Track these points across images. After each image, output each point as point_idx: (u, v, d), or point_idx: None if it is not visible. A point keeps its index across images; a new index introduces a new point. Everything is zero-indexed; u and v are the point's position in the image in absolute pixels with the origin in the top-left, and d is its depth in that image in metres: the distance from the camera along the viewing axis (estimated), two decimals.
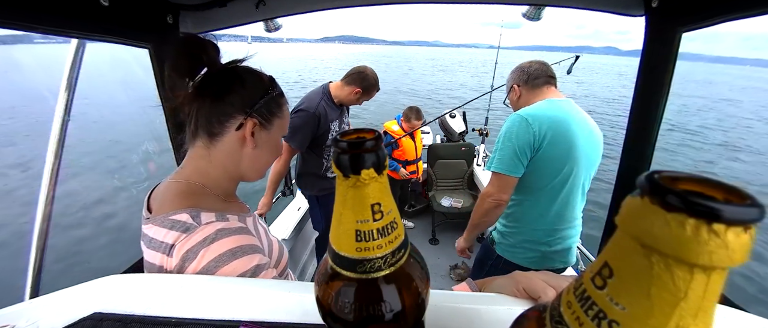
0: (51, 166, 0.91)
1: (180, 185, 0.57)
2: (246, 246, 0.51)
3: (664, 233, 0.13)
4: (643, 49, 0.95)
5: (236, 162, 0.60)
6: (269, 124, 0.60)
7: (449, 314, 0.40)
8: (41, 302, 0.42)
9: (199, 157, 0.59)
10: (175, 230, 0.50)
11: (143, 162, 6.05)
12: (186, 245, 0.49)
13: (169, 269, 0.50)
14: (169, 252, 0.50)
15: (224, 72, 0.57)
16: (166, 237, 0.50)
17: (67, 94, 0.92)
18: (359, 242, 0.22)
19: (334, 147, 0.21)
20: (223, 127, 0.57)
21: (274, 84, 0.61)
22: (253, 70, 0.59)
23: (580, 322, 0.16)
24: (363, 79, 1.76)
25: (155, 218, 0.53)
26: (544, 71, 1.27)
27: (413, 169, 3.05)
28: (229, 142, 0.58)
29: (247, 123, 0.57)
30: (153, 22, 0.96)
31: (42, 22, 0.65)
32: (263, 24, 1.31)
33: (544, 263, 1.29)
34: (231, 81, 0.57)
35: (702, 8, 0.80)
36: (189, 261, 0.48)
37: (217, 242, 0.49)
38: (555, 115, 1.15)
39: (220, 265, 0.48)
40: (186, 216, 0.51)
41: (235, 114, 0.57)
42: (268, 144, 0.62)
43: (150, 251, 0.52)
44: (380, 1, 1.25)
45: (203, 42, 0.54)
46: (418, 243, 2.78)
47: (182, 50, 0.54)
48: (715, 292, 0.13)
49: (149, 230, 0.53)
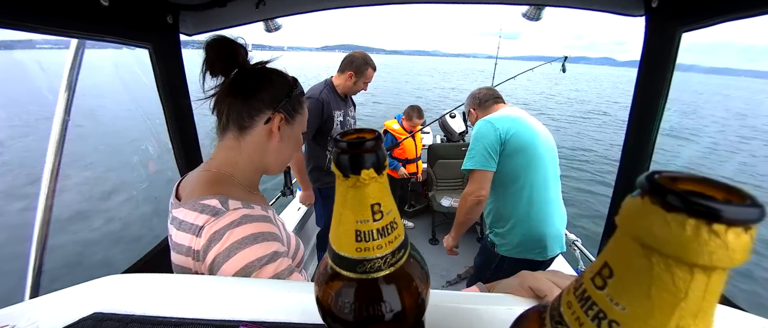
0: (51, 166, 0.91)
1: (210, 173, 0.62)
2: (267, 233, 0.55)
3: (664, 233, 0.13)
4: (643, 49, 0.95)
5: (262, 154, 0.66)
6: (293, 119, 0.67)
7: (449, 314, 0.40)
8: (41, 302, 0.41)
9: (229, 148, 0.64)
10: (206, 213, 0.54)
11: (143, 162, 6.05)
12: (214, 227, 0.53)
13: (197, 248, 0.53)
14: (198, 233, 0.54)
15: (254, 72, 0.63)
16: (196, 220, 0.54)
17: (67, 94, 0.92)
18: (359, 242, 0.22)
19: (334, 147, 0.21)
20: (253, 121, 0.63)
21: (297, 84, 0.67)
22: (279, 71, 0.65)
23: (580, 322, 0.16)
24: (351, 62, 1.87)
25: (187, 203, 0.57)
26: (491, 94, 1.55)
27: (413, 168, 3.05)
28: (258, 135, 0.63)
29: (275, 118, 0.63)
30: (153, 22, 0.96)
31: (42, 22, 0.66)
32: (263, 24, 1.31)
33: (546, 251, 1.39)
34: (261, 80, 0.63)
35: (702, 8, 0.80)
36: (215, 242, 0.52)
37: (243, 226, 0.53)
38: (512, 117, 1.40)
39: (242, 247, 0.51)
40: (216, 201, 0.55)
41: (265, 109, 0.63)
42: (291, 138, 0.68)
43: (180, 232, 0.56)
44: (380, 1, 1.25)
45: (235, 45, 0.60)
46: (418, 243, 2.79)
47: (217, 52, 0.59)
48: (716, 292, 0.13)
49: (180, 213, 0.57)
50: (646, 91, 0.96)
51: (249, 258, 0.51)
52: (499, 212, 1.44)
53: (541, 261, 1.42)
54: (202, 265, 0.53)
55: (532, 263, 1.42)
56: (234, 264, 0.50)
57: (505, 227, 1.42)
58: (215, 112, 0.65)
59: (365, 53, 1.93)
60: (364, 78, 1.91)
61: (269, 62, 0.65)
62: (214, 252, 0.51)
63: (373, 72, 1.93)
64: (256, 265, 0.51)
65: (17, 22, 0.61)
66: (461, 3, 1.22)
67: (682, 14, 0.85)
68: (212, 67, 0.59)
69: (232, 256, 0.51)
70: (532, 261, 1.42)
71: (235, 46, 0.60)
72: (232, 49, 0.60)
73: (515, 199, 1.38)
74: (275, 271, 0.52)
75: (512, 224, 1.40)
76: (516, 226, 1.39)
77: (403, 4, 1.27)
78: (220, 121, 0.64)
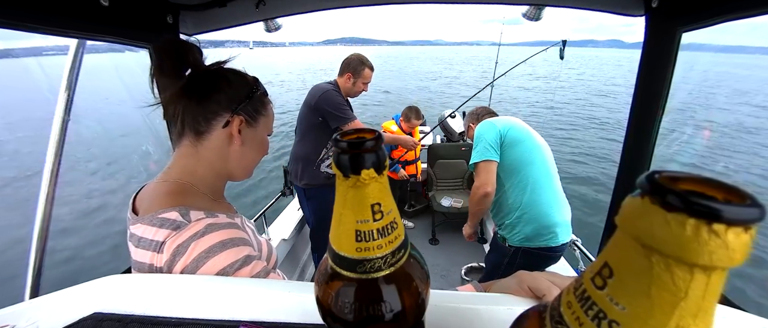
0: (51, 166, 0.91)
1: (168, 184, 0.57)
2: (236, 239, 0.52)
3: (664, 233, 0.13)
4: (643, 49, 0.95)
5: (224, 160, 0.61)
6: (255, 122, 0.62)
7: (449, 314, 0.40)
8: (41, 302, 0.42)
9: (186, 155, 0.60)
10: (165, 227, 0.51)
11: (143, 162, 6.06)
12: (177, 241, 0.49)
13: (159, 265, 0.50)
14: (159, 249, 0.50)
15: (209, 72, 0.59)
16: (156, 235, 0.51)
17: (67, 94, 0.92)
18: (359, 242, 0.22)
19: (334, 147, 0.21)
20: (210, 125, 0.58)
21: (259, 84, 0.63)
22: (237, 71, 0.61)
23: (580, 322, 0.16)
24: (347, 65, 1.92)
25: (144, 218, 0.53)
26: (487, 111, 1.76)
27: (412, 169, 3.05)
28: (216, 139, 0.59)
29: (234, 120, 0.59)
30: (153, 22, 0.96)
31: (42, 22, 0.65)
32: (263, 24, 1.31)
33: (557, 237, 1.44)
34: (216, 81, 0.58)
35: (702, 8, 0.80)
36: (180, 255, 0.49)
37: (208, 235, 0.50)
38: (507, 119, 1.57)
39: (210, 255, 0.49)
40: (176, 214, 0.52)
41: (222, 112, 0.58)
42: (255, 142, 0.64)
43: (139, 250, 0.52)
44: (379, 0, 1.25)
45: (186, 44, 0.57)
46: (418, 243, 2.79)
47: (166, 52, 0.55)
48: (716, 292, 0.13)
49: (138, 229, 0.53)
50: (646, 91, 0.96)
51: (220, 265, 0.48)
52: (505, 204, 1.50)
53: (554, 247, 1.45)
54: None
55: (545, 251, 1.45)
56: (205, 274, 0.48)
57: (512, 218, 1.48)
58: (167, 117, 0.59)
59: (361, 54, 1.96)
60: (362, 78, 1.93)
61: (227, 62, 0.61)
62: (181, 265, 0.48)
63: (370, 72, 1.94)
64: (228, 271, 0.48)
65: (17, 22, 0.61)
66: (461, 3, 1.22)
67: (682, 14, 0.85)
68: (160, 68, 0.55)
69: (202, 266, 0.48)
70: (545, 249, 1.45)
71: (186, 45, 0.57)
72: (183, 49, 0.56)
73: (519, 189, 1.44)
74: (250, 274, 0.50)
75: (520, 214, 1.45)
76: (524, 215, 1.44)
77: (403, 4, 1.27)
78: (174, 126, 0.60)
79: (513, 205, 1.47)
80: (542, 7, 1.21)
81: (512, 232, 1.49)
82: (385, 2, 1.25)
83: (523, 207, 1.44)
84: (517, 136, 1.47)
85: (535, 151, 1.46)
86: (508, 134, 1.46)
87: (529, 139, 1.48)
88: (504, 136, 1.46)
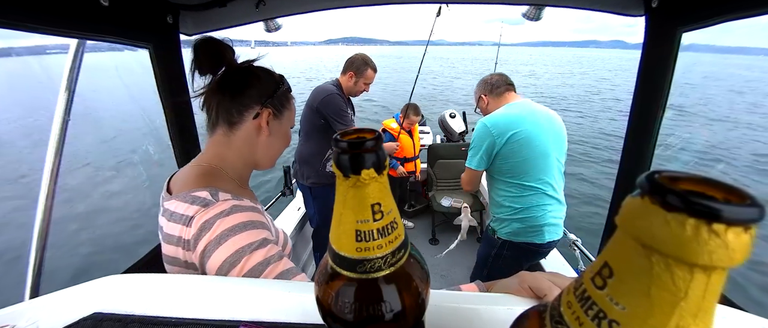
0: (51, 166, 0.91)
1: (201, 168, 0.64)
2: (257, 222, 0.57)
3: (664, 233, 0.13)
4: (643, 49, 0.95)
5: (252, 149, 0.68)
6: (281, 114, 0.69)
7: (449, 314, 0.40)
8: (41, 302, 0.41)
9: (219, 143, 0.66)
10: (196, 204, 0.56)
11: (143, 162, 6.06)
12: (204, 217, 0.54)
13: (187, 238, 0.55)
14: (188, 223, 0.55)
15: (242, 69, 0.65)
16: (187, 210, 0.56)
17: (67, 94, 0.92)
18: (359, 242, 0.22)
19: (334, 147, 0.21)
20: (242, 117, 0.65)
21: (284, 80, 0.70)
22: (266, 68, 0.67)
23: (580, 322, 0.16)
24: (351, 64, 1.93)
25: (178, 195, 0.59)
26: (504, 80, 1.53)
27: (411, 167, 3.06)
28: (247, 130, 0.66)
29: (263, 113, 0.65)
30: (153, 22, 0.96)
31: (42, 22, 0.66)
32: (263, 24, 1.31)
33: (544, 236, 1.45)
34: (248, 77, 0.65)
35: (702, 8, 0.80)
36: (206, 230, 0.54)
37: (233, 214, 0.55)
38: (511, 117, 1.41)
39: (232, 234, 0.53)
40: (206, 193, 0.58)
41: (253, 105, 0.65)
42: (280, 133, 0.70)
43: (171, 223, 0.57)
44: (379, 0, 1.25)
45: (222, 44, 0.62)
46: (418, 243, 2.79)
47: (205, 52, 0.61)
48: (716, 292, 0.13)
49: (171, 205, 0.59)
50: (646, 91, 0.96)
51: (239, 244, 0.52)
52: (499, 199, 1.50)
53: (540, 244, 1.47)
54: (192, 254, 0.55)
55: (532, 246, 1.47)
56: (225, 250, 0.52)
57: (503, 214, 1.49)
58: (205, 109, 0.67)
59: (366, 55, 1.96)
60: (364, 78, 1.93)
61: (256, 60, 0.67)
62: (206, 240, 0.53)
63: (373, 73, 1.95)
64: (246, 250, 0.52)
65: (17, 22, 0.61)
66: (461, 3, 1.22)
67: (682, 14, 0.85)
68: (201, 66, 0.61)
69: (223, 242, 0.52)
70: (531, 245, 1.47)
71: (222, 46, 0.62)
72: (219, 49, 0.62)
73: (514, 191, 1.44)
74: (265, 255, 0.53)
75: (511, 213, 1.46)
76: (515, 214, 1.46)
77: (403, 4, 1.27)
78: (209, 117, 0.66)
79: (505, 203, 1.48)
80: (542, 7, 1.21)
81: (501, 225, 1.51)
82: (385, 2, 1.25)
83: (515, 208, 1.45)
84: (519, 142, 1.37)
85: (537, 157, 1.39)
86: (507, 142, 1.38)
87: (532, 145, 1.38)
88: (499, 144, 1.40)
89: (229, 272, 0.51)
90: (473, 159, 1.49)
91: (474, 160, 1.49)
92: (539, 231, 1.44)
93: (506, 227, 1.49)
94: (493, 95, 1.53)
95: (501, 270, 1.54)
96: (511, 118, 1.40)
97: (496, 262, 1.54)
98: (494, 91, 1.52)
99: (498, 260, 1.53)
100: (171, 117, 1.09)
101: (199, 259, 0.54)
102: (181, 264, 0.57)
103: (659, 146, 0.97)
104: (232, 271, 0.51)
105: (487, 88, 1.55)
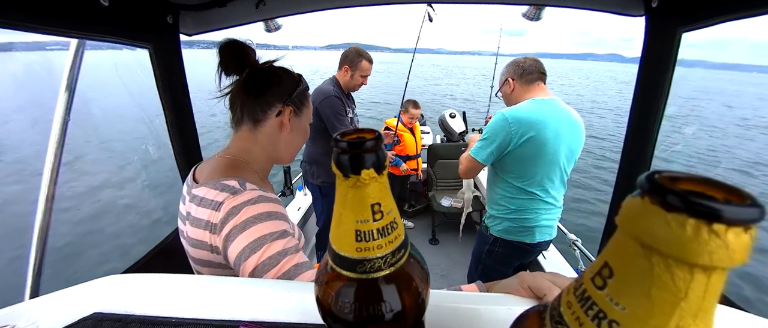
0: (51, 166, 0.91)
1: (229, 159, 0.68)
2: (280, 214, 0.60)
3: (664, 233, 0.13)
4: (643, 49, 0.95)
5: (275, 144, 0.72)
6: (300, 112, 0.73)
7: (449, 314, 0.40)
8: (41, 302, 0.41)
9: (244, 139, 0.70)
10: (226, 191, 0.59)
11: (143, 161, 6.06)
12: (233, 203, 0.58)
13: (215, 221, 0.58)
14: (217, 208, 0.58)
15: (264, 70, 0.69)
16: (216, 197, 0.59)
17: (67, 94, 0.92)
18: (359, 242, 0.22)
19: (334, 147, 0.21)
20: (266, 115, 0.69)
21: (303, 79, 0.74)
22: (286, 69, 0.72)
23: (580, 322, 0.16)
24: (345, 58, 1.92)
25: (208, 182, 0.62)
26: (537, 67, 1.37)
27: (414, 164, 3.06)
28: (271, 126, 0.70)
29: (285, 111, 0.69)
30: (153, 22, 0.96)
31: (42, 22, 0.65)
32: (263, 24, 1.31)
33: (534, 236, 1.45)
34: (270, 77, 0.69)
35: (702, 8, 0.80)
36: (232, 215, 0.57)
37: (259, 204, 0.58)
38: (535, 117, 1.28)
39: (257, 222, 0.56)
40: (235, 182, 0.61)
41: (276, 103, 0.69)
42: (300, 129, 0.75)
43: (200, 208, 0.60)
44: (380, 1, 1.25)
45: (245, 46, 0.66)
46: (418, 243, 2.79)
47: (229, 54, 0.65)
48: (716, 292, 0.13)
49: (201, 191, 0.62)
50: (646, 92, 0.96)
51: (262, 232, 0.55)
52: (497, 199, 1.48)
53: (531, 244, 1.47)
54: (218, 237, 0.58)
55: (523, 245, 1.47)
56: (248, 236, 0.55)
57: (498, 212, 1.47)
58: (230, 108, 0.71)
59: (359, 47, 1.94)
60: (360, 71, 1.90)
61: (276, 61, 0.71)
62: (231, 224, 0.56)
63: (368, 64, 1.92)
64: (267, 238, 0.55)
65: (17, 22, 0.61)
66: (461, 3, 1.22)
67: (682, 14, 0.85)
68: (227, 68, 0.66)
69: (248, 228, 0.55)
70: (523, 244, 1.46)
71: (246, 48, 0.66)
72: (244, 51, 0.66)
73: (513, 193, 1.42)
74: (284, 246, 0.56)
75: (506, 213, 1.45)
76: (508, 214, 1.44)
77: (403, 4, 1.27)
78: (234, 115, 0.70)
79: (501, 201, 1.45)
80: (542, 7, 1.21)
81: (494, 222, 1.50)
82: (385, 2, 1.25)
83: (509, 208, 1.43)
84: (532, 147, 1.28)
85: (547, 165, 1.32)
86: (522, 143, 1.28)
87: (545, 152, 1.29)
88: (514, 143, 1.30)
89: (249, 258, 0.53)
90: (482, 151, 1.37)
91: (483, 152, 1.37)
92: (530, 232, 1.44)
93: (498, 225, 1.48)
94: (522, 81, 1.38)
95: (493, 267, 1.54)
96: (535, 117, 1.27)
97: (489, 258, 1.54)
98: (525, 77, 1.36)
99: (490, 255, 1.53)
100: (171, 117, 1.09)
101: (222, 242, 0.57)
102: (206, 247, 0.60)
103: (659, 146, 0.97)
104: (252, 256, 0.53)
105: (517, 71, 1.38)
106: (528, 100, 1.34)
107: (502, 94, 1.48)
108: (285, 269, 0.54)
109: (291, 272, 0.54)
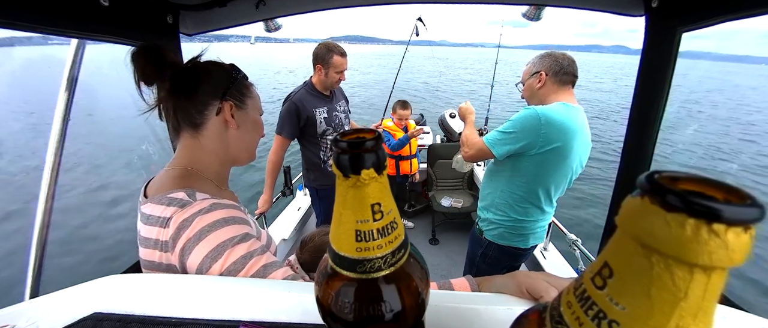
0: (51, 165, 0.91)
1: (176, 170, 0.62)
2: (238, 218, 0.55)
3: (664, 233, 0.13)
4: (643, 49, 0.95)
5: (225, 145, 0.66)
6: (243, 104, 0.66)
7: (449, 314, 0.40)
8: (41, 302, 0.41)
9: (188, 146, 0.64)
10: (173, 205, 0.54)
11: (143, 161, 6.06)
12: (183, 216, 0.52)
13: (164, 239, 0.53)
14: (165, 224, 0.53)
15: (189, 69, 0.63)
16: (163, 212, 0.54)
17: (67, 94, 0.92)
18: (359, 242, 0.22)
19: (334, 147, 0.21)
20: (204, 116, 0.62)
21: (236, 69, 0.66)
22: (215, 61, 0.65)
23: (580, 322, 0.16)
24: (315, 56, 1.84)
25: (154, 198, 0.57)
26: (573, 70, 1.27)
27: (407, 165, 3.04)
28: (213, 127, 0.63)
29: (225, 106, 0.63)
30: (153, 22, 0.96)
31: (42, 22, 0.65)
32: (263, 24, 1.31)
33: (527, 242, 1.44)
34: (198, 74, 0.62)
35: (702, 8, 0.80)
36: (184, 229, 0.51)
37: (212, 212, 0.53)
38: (568, 125, 1.18)
39: (213, 229, 0.51)
40: (182, 194, 0.56)
41: (211, 101, 0.62)
42: (248, 123, 0.68)
43: (147, 226, 0.55)
44: (380, 1, 1.24)
45: (160, 48, 0.59)
46: (418, 243, 2.79)
47: (145, 60, 0.58)
48: (715, 292, 0.13)
49: (147, 208, 0.56)
50: (646, 91, 0.96)
51: (220, 238, 0.51)
52: (499, 203, 1.42)
53: (524, 249, 1.47)
54: (171, 255, 0.52)
55: (517, 250, 1.47)
56: (206, 245, 0.50)
57: (495, 215, 1.44)
58: (164, 117, 0.64)
59: (330, 42, 1.87)
60: (334, 67, 1.82)
61: (200, 56, 0.64)
62: (184, 238, 0.51)
63: (341, 58, 1.83)
64: (227, 244, 0.50)
65: (17, 22, 0.61)
66: (461, 3, 1.22)
67: (682, 14, 0.85)
68: (145, 76, 0.59)
69: (204, 238, 0.50)
70: (517, 248, 1.46)
71: (161, 49, 0.59)
72: (160, 53, 0.59)
73: (517, 200, 1.38)
74: (248, 249, 0.51)
75: (505, 219, 1.42)
76: (506, 222, 1.42)
77: (403, 4, 1.27)
78: (169, 123, 0.64)
79: (502, 207, 1.41)
80: (542, 7, 1.21)
81: (489, 226, 1.47)
82: (384, 2, 1.25)
83: (510, 216, 1.40)
84: (557, 154, 1.20)
85: (561, 174, 1.28)
86: (548, 149, 1.19)
87: (559, 163, 1.24)
88: (540, 146, 1.19)
89: (210, 267, 0.49)
90: (502, 146, 1.24)
91: (502, 147, 1.24)
92: (525, 237, 1.43)
93: (493, 231, 1.46)
94: (555, 79, 1.26)
95: (486, 270, 1.54)
96: (568, 126, 1.17)
97: (483, 260, 1.54)
98: (560, 75, 1.25)
99: (485, 259, 1.53)
100: None
101: (178, 258, 0.52)
102: (158, 267, 0.55)
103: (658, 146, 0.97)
104: (214, 265, 0.49)
105: (554, 67, 1.25)
106: (559, 104, 1.22)
107: (526, 86, 1.35)
108: (253, 271, 0.50)
109: (260, 273, 0.50)
